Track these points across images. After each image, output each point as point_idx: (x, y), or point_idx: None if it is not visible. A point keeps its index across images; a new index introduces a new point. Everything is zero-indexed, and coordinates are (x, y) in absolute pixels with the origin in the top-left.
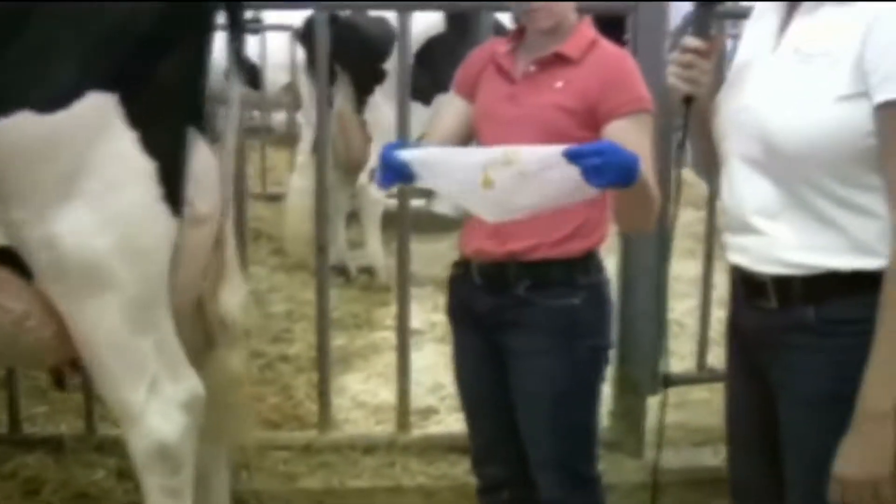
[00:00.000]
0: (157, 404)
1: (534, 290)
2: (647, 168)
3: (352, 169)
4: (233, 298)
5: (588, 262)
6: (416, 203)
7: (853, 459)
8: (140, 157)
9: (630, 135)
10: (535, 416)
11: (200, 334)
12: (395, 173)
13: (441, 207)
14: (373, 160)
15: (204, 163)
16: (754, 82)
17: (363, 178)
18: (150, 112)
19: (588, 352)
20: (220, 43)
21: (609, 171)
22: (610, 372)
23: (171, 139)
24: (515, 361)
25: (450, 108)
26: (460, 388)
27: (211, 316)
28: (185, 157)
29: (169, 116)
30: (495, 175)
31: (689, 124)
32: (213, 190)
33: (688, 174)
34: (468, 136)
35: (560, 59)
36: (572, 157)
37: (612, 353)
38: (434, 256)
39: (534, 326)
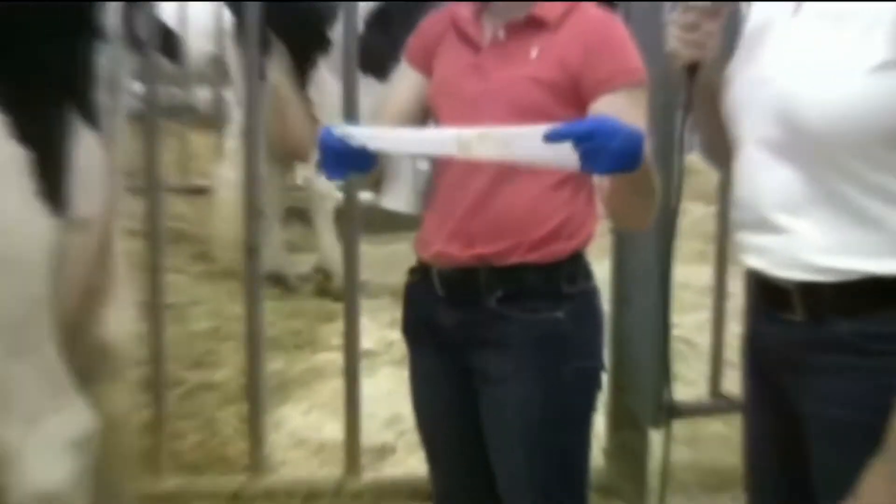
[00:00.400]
0: (38, 443)
1: (508, 302)
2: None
3: (290, 157)
4: (118, 320)
5: (573, 266)
6: (367, 197)
7: (878, 493)
8: (9, 146)
9: (621, 113)
10: (511, 451)
11: (78, 364)
12: (342, 158)
13: (393, 203)
14: None
15: (88, 155)
16: (773, 50)
17: (309, 168)
18: (22, 94)
19: (574, 375)
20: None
21: (605, 156)
22: (603, 401)
23: (48, 126)
24: (487, 388)
25: (402, 82)
26: (419, 421)
27: (91, 341)
28: (65, 147)
29: (46, 99)
30: (472, 145)
31: (695, 100)
32: (99, 187)
33: (695, 161)
34: (424, 116)
35: (534, 24)
36: (555, 139)
37: (605, 378)
38: (390, 261)
39: (509, 345)
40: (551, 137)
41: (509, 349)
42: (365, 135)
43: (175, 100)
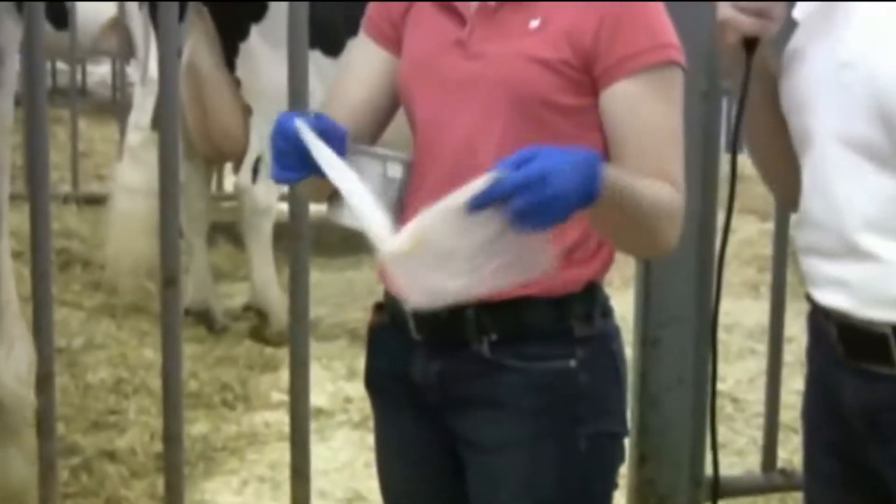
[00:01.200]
0: None
1: (504, 348)
2: (666, 158)
3: (214, 157)
4: (7, 362)
5: (588, 301)
6: (316, 210)
7: None
8: None
9: (644, 104)
10: None
11: None
12: (304, 155)
13: (352, 219)
14: (254, 142)
15: None
16: (861, 21)
17: (244, 175)
18: None
19: (590, 443)
20: None
21: (537, 212)
22: (624, 474)
23: None
24: (476, 460)
25: (360, 61)
26: (388, 501)
27: None
28: None
29: None
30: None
31: (751, 85)
32: None
33: (744, 164)
34: (392, 106)
35: None
36: (477, 206)
37: (628, 445)
38: (347, 293)
39: (505, 404)
40: (473, 206)
41: (505, 409)
42: (322, 155)
43: (62, 79)
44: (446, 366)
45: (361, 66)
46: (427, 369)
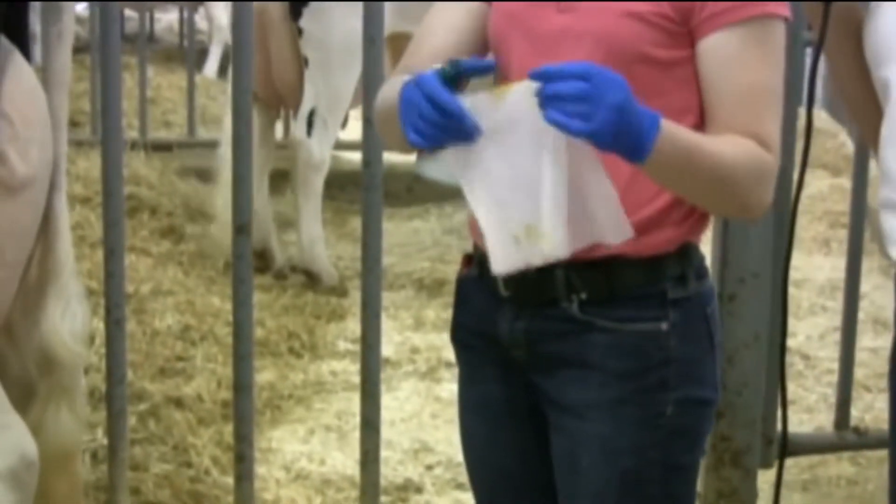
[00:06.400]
0: None
1: (594, 309)
2: (757, 114)
3: (275, 106)
4: (65, 318)
5: (683, 262)
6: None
7: None
8: None
9: (737, 58)
10: None
11: (13, 376)
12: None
13: (439, 172)
14: (309, 94)
15: (24, 96)
16: None
17: (298, 127)
18: None
19: (679, 409)
20: None
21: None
22: None
23: None
24: (560, 419)
25: (452, 7)
26: (469, 462)
27: (29, 347)
28: None
29: None
30: None
31: (827, 38)
32: (41, 140)
33: (818, 119)
34: (479, 54)
35: None
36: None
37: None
38: (413, 242)
39: (592, 366)
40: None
41: (592, 370)
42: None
43: (130, 26)
44: (533, 324)
45: (452, 13)
46: (513, 326)
